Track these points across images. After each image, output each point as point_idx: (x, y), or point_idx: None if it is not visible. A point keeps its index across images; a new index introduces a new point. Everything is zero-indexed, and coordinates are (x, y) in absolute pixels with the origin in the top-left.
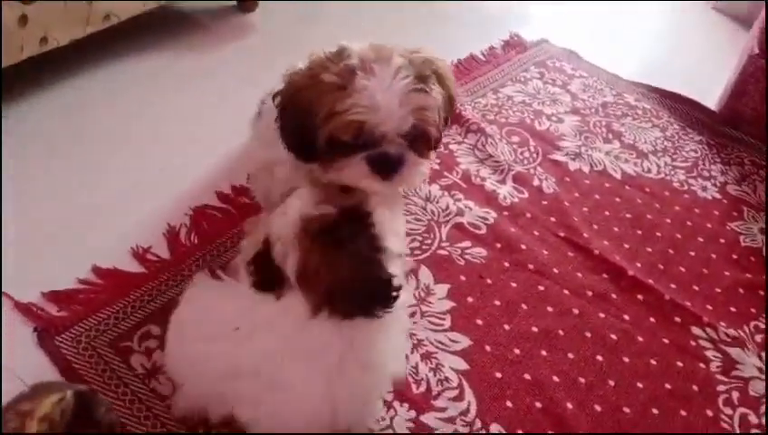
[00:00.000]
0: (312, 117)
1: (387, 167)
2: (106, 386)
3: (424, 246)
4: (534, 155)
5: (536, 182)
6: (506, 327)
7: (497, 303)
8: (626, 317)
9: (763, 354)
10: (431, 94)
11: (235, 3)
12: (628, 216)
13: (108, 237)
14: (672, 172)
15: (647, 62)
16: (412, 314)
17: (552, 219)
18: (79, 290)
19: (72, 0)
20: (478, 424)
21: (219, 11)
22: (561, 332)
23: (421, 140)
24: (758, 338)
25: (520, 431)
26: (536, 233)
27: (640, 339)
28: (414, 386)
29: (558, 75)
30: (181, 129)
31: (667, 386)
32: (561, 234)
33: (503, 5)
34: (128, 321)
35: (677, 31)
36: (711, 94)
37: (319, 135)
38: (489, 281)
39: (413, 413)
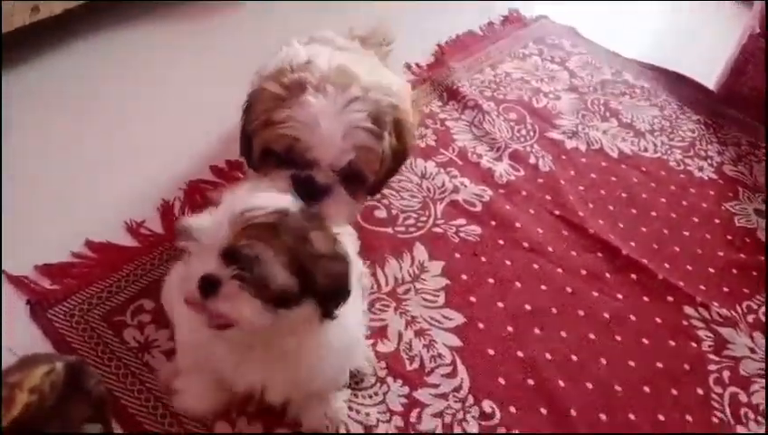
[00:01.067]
0: (251, 124)
1: (311, 193)
2: (99, 360)
3: (419, 223)
4: (531, 133)
5: (532, 160)
6: (500, 305)
7: (491, 281)
8: (619, 296)
9: (755, 334)
10: (379, 141)
11: None
12: (623, 195)
13: (102, 211)
14: (669, 152)
15: (646, 40)
16: (406, 291)
17: (548, 198)
18: (72, 264)
19: None
20: (471, 400)
21: None
22: (554, 310)
23: (356, 181)
24: (750, 318)
25: (512, 408)
26: (531, 211)
27: (633, 318)
28: (407, 362)
29: (557, 52)
30: (177, 102)
31: (659, 365)
32: (557, 212)
33: None
34: (121, 295)
35: (678, 10)
36: (710, 74)
37: (254, 143)
38: (483, 259)
39: (406, 389)
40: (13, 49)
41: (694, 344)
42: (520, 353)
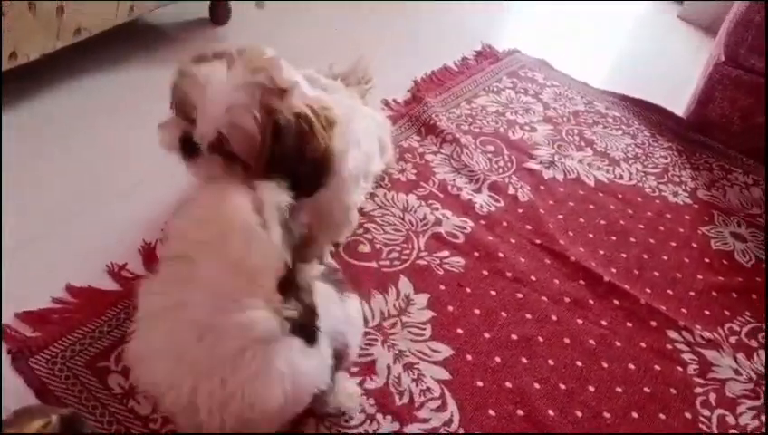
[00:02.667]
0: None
1: (188, 148)
2: (83, 407)
3: (403, 257)
4: (509, 164)
5: (511, 191)
6: (486, 335)
7: (477, 311)
8: (603, 323)
9: (739, 355)
10: (257, 127)
11: (207, 16)
12: (602, 222)
13: (82, 255)
14: (643, 178)
15: (616, 71)
16: (393, 325)
17: (528, 227)
18: (53, 310)
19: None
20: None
21: (191, 23)
22: (540, 338)
23: (228, 155)
24: (732, 340)
25: None
26: (513, 241)
27: (618, 344)
28: (397, 397)
29: (530, 85)
30: (155, 143)
31: (646, 390)
32: (538, 241)
33: (475, 17)
34: (104, 340)
35: (645, 40)
36: (679, 101)
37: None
38: (468, 290)
39: (396, 425)
40: None
41: (679, 368)
42: (508, 384)
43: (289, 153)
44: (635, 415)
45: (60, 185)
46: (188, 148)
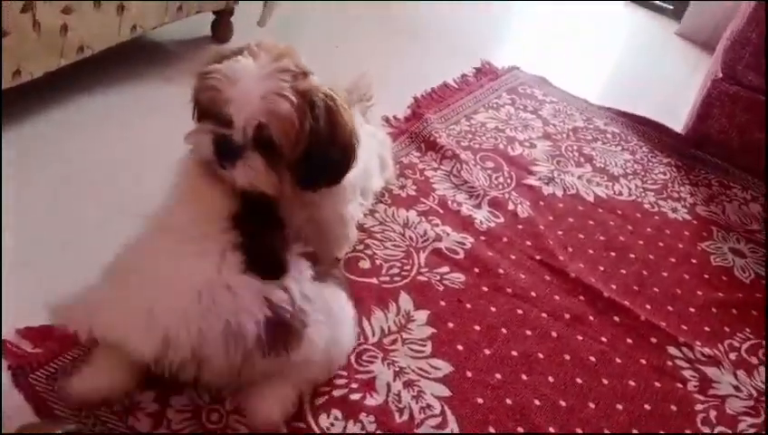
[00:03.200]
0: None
1: (225, 152)
2: (82, 424)
3: (403, 273)
4: (509, 180)
5: (511, 207)
6: (487, 352)
7: (477, 328)
8: (603, 339)
9: (739, 372)
10: (299, 115)
11: (209, 33)
12: (601, 238)
13: (84, 271)
14: (642, 194)
15: (614, 87)
16: (393, 342)
17: (528, 243)
18: (54, 326)
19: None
20: None
21: (193, 41)
22: (540, 355)
23: (270, 150)
24: (732, 356)
25: None
26: (513, 257)
27: (618, 360)
28: (396, 415)
29: (529, 101)
30: (156, 161)
31: (647, 407)
32: (538, 257)
33: (474, 34)
34: None
35: (643, 56)
36: (676, 117)
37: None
38: (468, 306)
39: None
40: None
41: (679, 385)
42: (509, 401)
43: (323, 135)
44: (635, 432)
45: (62, 201)
46: (225, 151)
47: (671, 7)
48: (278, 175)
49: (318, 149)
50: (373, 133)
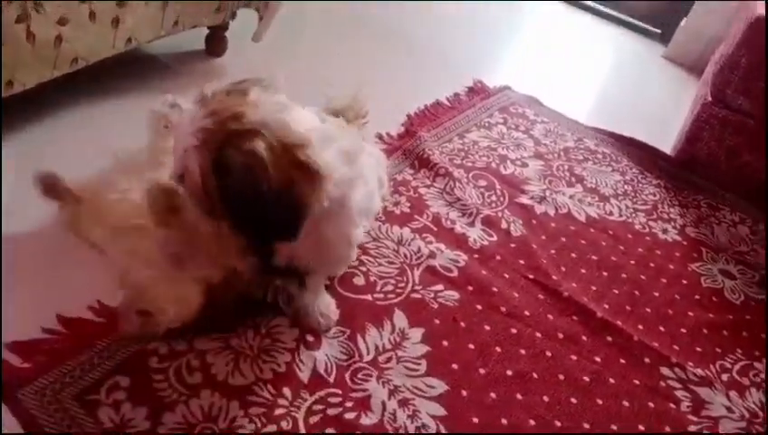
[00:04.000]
0: None
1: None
2: None
3: (398, 290)
4: (501, 198)
5: (504, 225)
6: (482, 371)
7: (471, 346)
8: (597, 359)
9: (731, 393)
10: (198, 168)
11: (203, 48)
12: (593, 258)
13: (74, 286)
14: (633, 215)
15: (603, 109)
16: (388, 360)
17: (521, 262)
18: (43, 340)
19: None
20: None
21: (187, 55)
22: (535, 375)
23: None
24: (724, 377)
25: None
26: (506, 275)
27: (612, 381)
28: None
29: (521, 121)
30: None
31: (641, 427)
32: (531, 276)
33: (465, 53)
34: (95, 372)
35: (631, 79)
36: (664, 139)
37: None
38: (463, 324)
39: None
40: None
41: (673, 405)
42: (504, 421)
43: (239, 192)
44: None
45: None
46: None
47: (659, 31)
48: (217, 223)
49: (240, 204)
50: (371, 152)
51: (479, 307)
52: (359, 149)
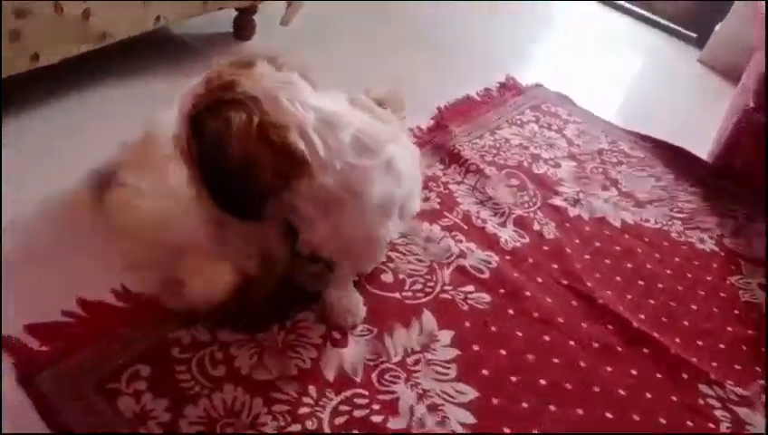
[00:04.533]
0: None
1: None
2: (90, 432)
3: (427, 289)
4: (534, 199)
5: (537, 227)
6: (513, 379)
7: (503, 352)
8: (633, 372)
9: None
10: (183, 132)
11: (231, 31)
12: (629, 265)
13: (99, 269)
14: (670, 222)
15: (635, 111)
16: (416, 362)
17: (555, 266)
18: (63, 323)
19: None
20: None
21: (215, 37)
22: (568, 386)
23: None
24: (764, 398)
25: None
26: (539, 280)
27: (648, 396)
28: None
29: (553, 120)
30: None
31: None
32: (564, 281)
33: (494, 49)
34: (115, 359)
35: (665, 81)
36: (698, 144)
37: None
38: (494, 329)
39: None
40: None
41: (712, 425)
42: (536, 431)
43: (206, 159)
44: None
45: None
46: None
47: (694, 35)
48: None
49: (210, 172)
50: (407, 146)
51: (511, 311)
52: (385, 140)
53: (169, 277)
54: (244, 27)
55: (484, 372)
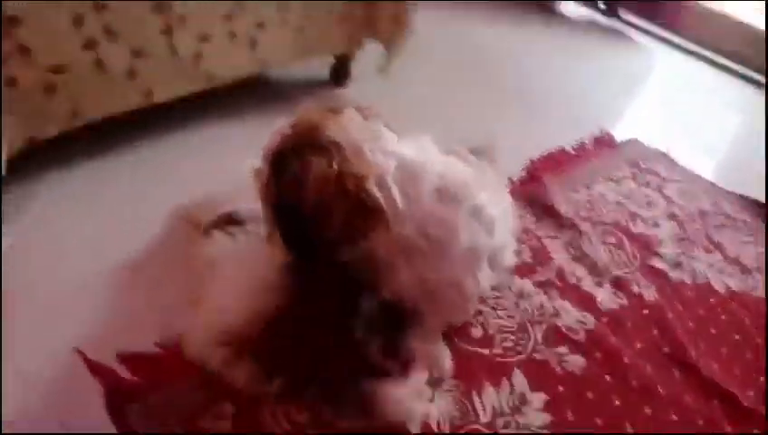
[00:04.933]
0: None
1: None
2: None
3: (518, 347)
4: (632, 259)
5: (636, 289)
6: None
7: (599, 421)
8: None
9: None
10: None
11: (326, 77)
12: (736, 337)
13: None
14: None
15: (736, 170)
16: (506, 425)
17: (655, 332)
18: (154, 355)
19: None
20: None
21: (312, 83)
22: None
23: None
24: None
25: None
26: (639, 346)
27: None
28: None
29: (651, 177)
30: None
31: None
32: (666, 350)
33: (588, 105)
34: (202, 395)
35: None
36: None
37: None
38: (590, 395)
39: None
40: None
41: None
42: None
43: (282, 198)
44: None
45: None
46: None
47: None
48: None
49: (280, 212)
50: (502, 196)
51: (608, 378)
52: (474, 188)
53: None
54: (340, 74)
55: None
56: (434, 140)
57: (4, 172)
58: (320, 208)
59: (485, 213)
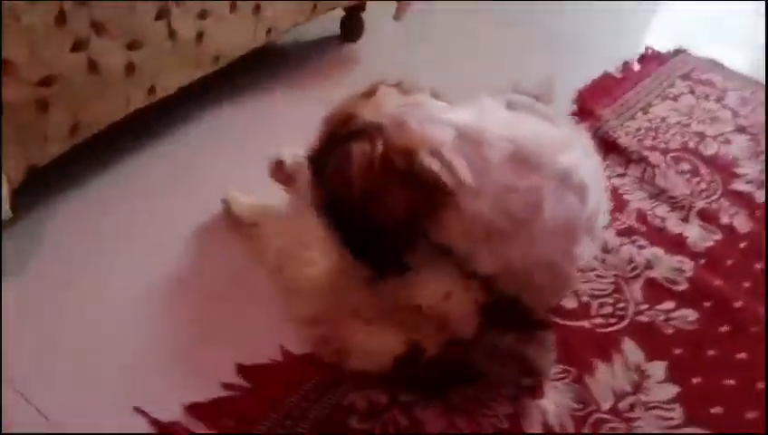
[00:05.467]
0: None
1: None
2: None
3: (618, 312)
4: (713, 185)
5: (725, 219)
6: (750, 416)
7: (731, 382)
8: None
9: None
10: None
11: (337, 33)
12: None
13: (257, 328)
14: None
15: None
16: (631, 407)
17: (758, 266)
18: (225, 399)
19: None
20: None
21: (322, 43)
22: None
23: None
24: None
25: None
26: (746, 285)
27: None
28: None
29: (709, 89)
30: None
31: None
32: None
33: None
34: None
35: None
36: None
37: None
38: (711, 353)
39: None
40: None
41: None
42: None
43: (330, 198)
44: None
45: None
46: None
47: None
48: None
49: (331, 217)
50: (587, 151)
51: (724, 329)
52: (556, 149)
53: (332, 336)
54: (352, 28)
55: (716, 409)
56: (490, 97)
57: (5, 216)
58: (370, 195)
59: (574, 176)
